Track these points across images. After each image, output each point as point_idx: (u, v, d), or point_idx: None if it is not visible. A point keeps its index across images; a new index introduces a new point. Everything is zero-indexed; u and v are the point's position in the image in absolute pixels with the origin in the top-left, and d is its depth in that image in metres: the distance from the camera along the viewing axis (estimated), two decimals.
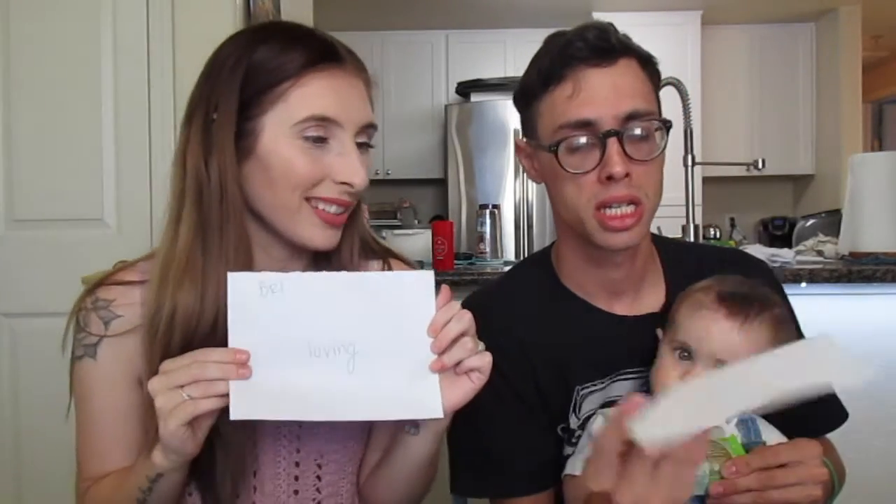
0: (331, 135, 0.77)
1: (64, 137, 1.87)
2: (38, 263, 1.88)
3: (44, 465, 1.85)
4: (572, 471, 0.85)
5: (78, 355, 0.82)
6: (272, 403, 0.68)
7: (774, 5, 4.41)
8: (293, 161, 0.76)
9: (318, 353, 0.70)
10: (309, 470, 0.85)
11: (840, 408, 0.96)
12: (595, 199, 0.83)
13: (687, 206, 2.21)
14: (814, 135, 4.74)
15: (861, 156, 2.14)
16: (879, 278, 1.82)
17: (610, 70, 0.83)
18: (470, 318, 0.72)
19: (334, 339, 0.70)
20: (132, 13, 1.88)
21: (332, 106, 0.77)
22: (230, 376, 0.67)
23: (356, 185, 0.78)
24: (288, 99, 0.76)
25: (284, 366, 0.69)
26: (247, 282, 0.69)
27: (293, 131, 0.76)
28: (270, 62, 0.76)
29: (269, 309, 0.69)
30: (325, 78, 0.77)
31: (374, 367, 0.71)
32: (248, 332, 0.69)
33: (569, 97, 0.84)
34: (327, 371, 0.70)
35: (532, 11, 4.46)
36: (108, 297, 0.82)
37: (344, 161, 0.78)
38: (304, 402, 0.69)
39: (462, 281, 1.92)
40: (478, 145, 4.17)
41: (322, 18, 2.68)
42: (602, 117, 0.82)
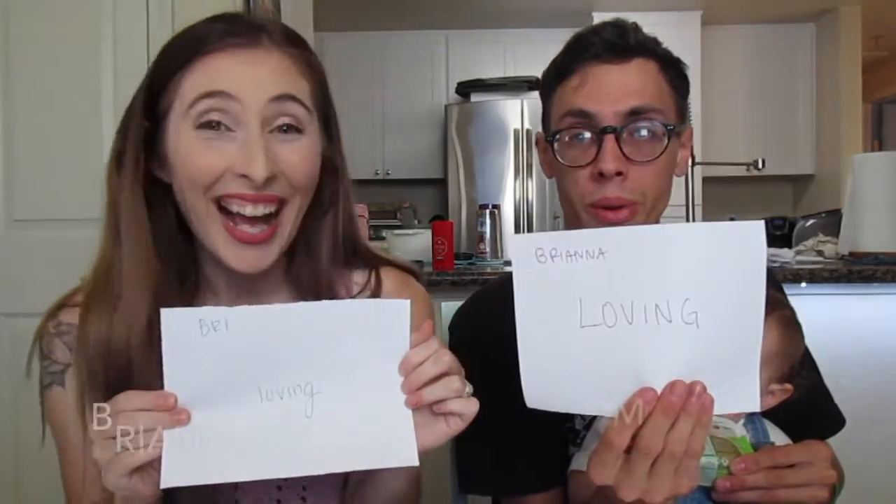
0: (230, 118, 0.68)
1: (64, 137, 1.87)
2: (38, 263, 1.88)
3: (44, 466, 1.84)
4: (578, 467, 0.85)
5: (46, 384, 0.79)
6: (215, 462, 0.59)
7: (774, 5, 4.41)
8: (190, 152, 0.68)
9: (271, 396, 0.61)
10: (293, 493, 0.80)
11: (838, 414, 0.97)
12: (589, 197, 0.83)
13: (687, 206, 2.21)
14: (814, 135, 4.74)
15: (861, 156, 2.14)
16: (879, 278, 1.82)
17: (621, 68, 0.83)
18: (451, 359, 0.63)
19: (289, 379, 0.61)
20: (132, 13, 1.88)
21: (222, 80, 0.67)
22: (163, 424, 0.58)
23: (255, 176, 0.66)
24: (181, 88, 0.69)
25: (231, 415, 0.61)
26: (183, 319, 0.59)
27: (187, 121, 0.68)
28: (168, 56, 0.71)
29: (212, 349, 0.59)
30: (218, 56, 0.68)
31: (335, 410, 0.62)
32: (188, 379, 0.60)
33: (574, 88, 0.84)
34: (282, 417, 0.61)
35: (532, 11, 4.46)
36: (71, 322, 0.76)
37: (243, 147, 0.67)
38: (255, 458, 0.60)
39: (462, 281, 1.92)
40: (478, 145, 4.17)
41: (322, 18, 2.68)
42: (601, 111, 0.82)
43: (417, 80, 4.76)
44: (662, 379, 0.59)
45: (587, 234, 0.61)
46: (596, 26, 0.87)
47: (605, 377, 0.61)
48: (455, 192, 4.23)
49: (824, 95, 4.66)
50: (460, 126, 4.21)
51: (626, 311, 0.60)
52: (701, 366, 0.59)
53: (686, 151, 0.91)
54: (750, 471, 0.72)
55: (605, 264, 0.60)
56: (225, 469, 0.60)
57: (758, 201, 4.99)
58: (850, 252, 2.06)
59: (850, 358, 1.79)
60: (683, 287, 0.59)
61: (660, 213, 0.88)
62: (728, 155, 4.48)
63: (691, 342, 0.59)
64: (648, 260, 0.59)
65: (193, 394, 0.60)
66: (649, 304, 0.59)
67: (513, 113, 4.10)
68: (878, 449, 1.76)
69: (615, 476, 0.60)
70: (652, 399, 0.58)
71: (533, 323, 0.63)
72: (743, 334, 0.59)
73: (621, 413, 0.59)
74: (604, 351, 0.61)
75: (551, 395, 0.63)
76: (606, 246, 0.60)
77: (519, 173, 4.06)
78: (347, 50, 4.69)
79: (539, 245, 0.62)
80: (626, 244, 0.60)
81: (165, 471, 0.58)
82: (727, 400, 0.59)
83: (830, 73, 4.60)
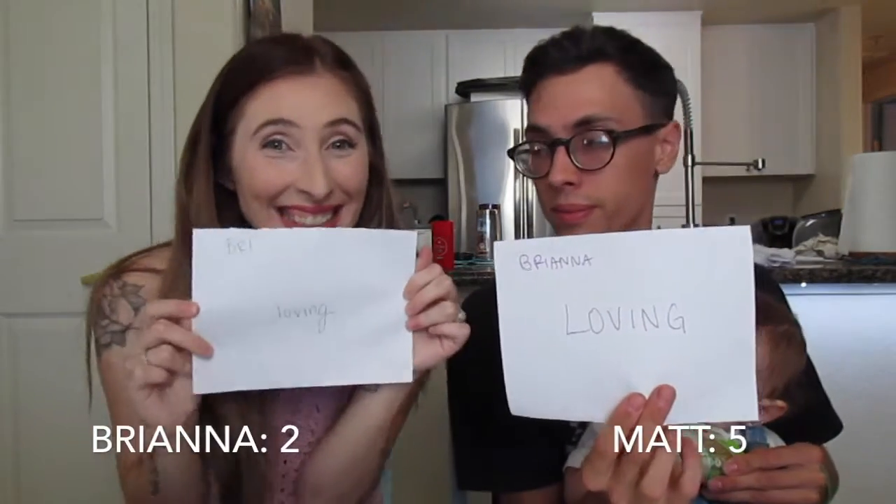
0: (292, 141, 0.76)
1: (64, 137, 1.87)
2: (38, 263, 1.88)
3: (44, 466, 1.85)
4: (574, 464, 0.85)
5: (104, 343, 0.79)
6: (237, 373, 0.66)
7: (774, 5, 4.41)
8: (255, 171, 0.76)
9: (288, 314, 0.67)
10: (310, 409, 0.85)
11: (835, 419, 0.97)
12: (549, 203, 0.88)
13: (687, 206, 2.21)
14: (814, 135, 4.74)
15: (861, 156, 2.14)
16: (879, 278, 1.82)
17: (571, 78, 0.85)
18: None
19: (305, 299, 0.67)
20: (132, 13, 1.88)
21: (286, 108, 0.76)
22: (191, 348, 0.64)
23: (315, 192, 0.75)
24: (251, 108, 0.77)
25: (252, 329, 0.66)
26: (213, 239, 0.65)
27: (254, 142, 0.76)
28: (235, 78, 0.78)
29: (237, 268, 0.65)
30: (280, 83, 0.76)
31: (344, 327, 0.68)
32: (214, 294, 0.65)
33: (532, 105, 0.89)
34: (296, 332, 0.67)
35: (532, 11, 4.46)
36: (138, 283, 0.81)
37: (304, 167, 0.76)
38: (271, 368, 0.67)
39: (462, 281, 1.93)
40: (478, 145, 4.17)
41: (322, 18, 2.68)
42: (552, 125, 0.85)
43: (417, 80, 4.76)
44: (650, 384, 0.59)
45: (572, 241, 0.62)
46: (551, 38, 0.89)
47: (593, 383, 0.61)
48: (455, 192, 4.23)
49: (824, 95, 4.66)
50: (460, 126, 4.21)
51: (613, 317, 0.61)
52: (690, 371, 0.59)
53: (670, 147, 0.92)
54: (741, 472, 0.72)
55: (590, 270, 0.61)
56: (244, 381, 0.66)
57: (758, 201, 4.99)
58: (850, 252, 2.06)
59: (849, 358, 1.79)
60: (670, 292, 0.59)
61: (634, 214, 0.89)
62: (728, 155, 4.48)
63: (679, 347, 0.59)
64: (634, 266, 0.60)
65: (218, 308, 0.65)
66: (636, 309, 0.60)
67: (513, 113, 4.10)
68: (877, 449, 1.76)
69: (607, 482, 0.60)
70: (639, 405, 0.59)
71: (517, 330, 0.64)
72: (734, 340, 0.59)
73: (610, 419, 0.60)
74: (591, 357, 0.61)
75: (537, 403, 0.64)
76: (592, 252, 0.61)
77: (519, 173, 4.06)
78: (347, 50, 4.64)
79: (523, 252, 0.63)
80: (612, 250, 0.61)
81: (197, 382, 0.64)
82: (724, 408, 0.59)
83: (830, 73, 4.60)
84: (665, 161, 0.92)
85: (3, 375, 1.88)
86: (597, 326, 0.61)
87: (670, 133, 0.91)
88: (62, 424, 1.69)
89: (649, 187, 0.91)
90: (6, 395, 1.88)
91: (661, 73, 0.90)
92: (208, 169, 0.79)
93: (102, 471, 2.00)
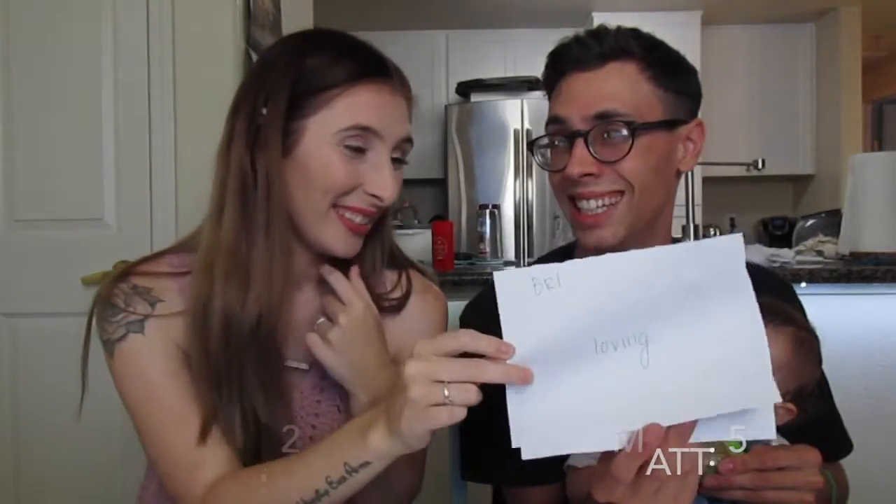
0: (369, 146, 0.79)
1: (64, 137, 1.87)
2: (38, 263, 1.88)
3: (44, 465, 1.85)
4: (576, 463, 0.85)
5: (118, 336, 0.77)
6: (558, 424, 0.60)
7: (774, 5, 4.41)
8: (331, 166, 0.77)
9: (605, 348, 0.60)
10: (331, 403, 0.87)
11: (846, 439, 0.98)
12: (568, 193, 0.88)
13: (687, 206, 2.21)
14: (814, 135, 4.74)
15: (861, 156, 2.14)
16: (879, 278, 1.82)
17: (594, 74, 0.87)
18: None
19: (622, 329, 0.60)
20: (132, 13, 1.88)
21: (375, 117, 0.78)
22: (512, 380, 0.59)
23: (385, 198, 0.80)
24: (334, 106, 0.77)
25: (568, 369, 0.60)
26: (517, 280, 0.61)
27: (335, 138, 0.77)
28: (322, 68, 0.78)
29: (546, 307, 0.60)
30: (372, 91, 0.79)
31: (673, 357, 0.60)
32: (525, 337, 0.60)
33: (552, 100, 0.91)
34: (617, 369, 0.60)
35: (532, 11, 4.46)
36: (147, 285, 0.80)
37: (377, 173, 0.79)
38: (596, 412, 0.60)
39: (462, 281, 1.92)
40: (478, 145, 4.17)
41: (322, 18, 2.68)
42: (571, 116, 0.86)
43: (417, 80, 4.65)
44: (664, 405, 0.59)
45: (571, 265, 0.61)
46: (574, 36, 0.91)
47: (605, 411, 0.60)
48: (455, 192, 4.23)
49: (824, 95, 4.66)
50: (460, 126, 4.21)
51: (618, 340, 0.60)
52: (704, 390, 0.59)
53: (693, 145, 0.92)
54: (737, 471, 0.72)
55: (591, 294, 0.60)
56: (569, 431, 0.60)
57: (758, 201, 4.99)
58: (850, 252, 2.06)
59: (850, 358, 1.79)
60: (673, 311, 0.59)
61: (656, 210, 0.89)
62: (728, 155, 4.47)
63: (688, 366, 0.59)
64: (633, 287, 0.60)
65: (531, 352, 0.60)
66: (640, 330, 0.60)
67: (513, 113, 4.10)
68: (877, 449, 1.76)
69: (620, 496, 0.62)
70: (660, 436, 0.59)
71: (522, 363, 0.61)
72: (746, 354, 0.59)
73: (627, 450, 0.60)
74: (601, 384, 0.60)
75: (548, 440, 0.61)
76: (590, 275, 0.60)
77: (519, 173, 4.05)
78: None
79: (525, 279, 0.61)
80: (610, 272, 0.60)
81: (520, 441, 0.60)
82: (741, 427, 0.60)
83: (830, 73, 4.60)
84: (688, 159, 0.92)
85: (3, 375, 1.88)
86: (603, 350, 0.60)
87: (693, 131, 0.92)
88: (62, 424, 1.69)
89: (671, 184, 0.92)
90: (6, 395, 1.88)
91: (685, 73, 0.91)
92: (279, 148, 0.77)
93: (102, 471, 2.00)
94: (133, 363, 0.77)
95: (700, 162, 0.95)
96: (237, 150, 0.78)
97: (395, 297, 0.90)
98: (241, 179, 0.77)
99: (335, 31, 0.85)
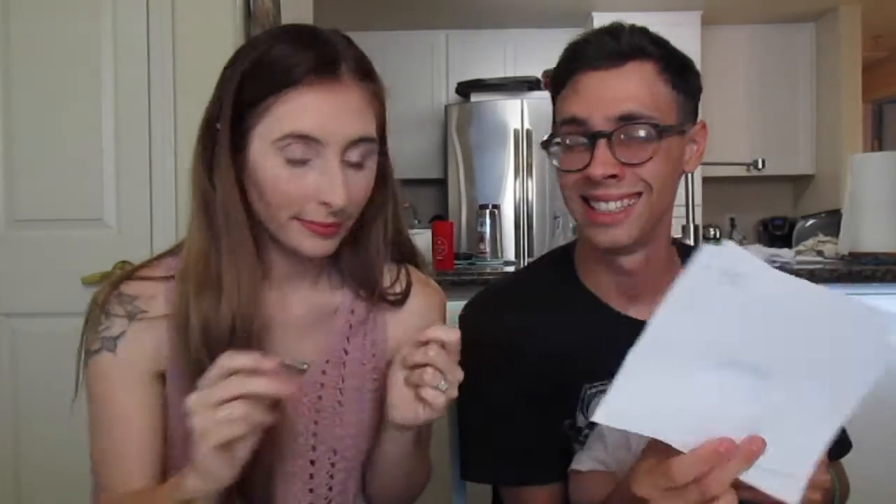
0: (314, 154, 0.74)
1: (64, 137, 1.87)
2: (38, 263, 1.88)
3: (44, 466, 1.85)
4: (579, 466, 0.85)
5: (94, 349, 0.79)
6: (652, 413, 0.60)
7: (774, 5, 4.41)
8: (278, 180, 0.75)
9: (728, 365, 0.60)
10: (323, 468, 0.86)
11: (845, 440, 0.98)
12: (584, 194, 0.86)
13: (687, 207, 2.21)
14: (814, 135, 4.74)
15: (861, 156, 2.14)
16: (879, 278, 1.82)
17: (613, 73, 0.84)
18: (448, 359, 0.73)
19: (759, 353, 0.59)
20: (132, 13, 1.88)
21: (312, 122, 0.73)
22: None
23: (335, 204, 0.74)
24: (272, 114, 0.74)
25: (691, 364, 0.60)
26: (717, 261, 0.57)
27: (275, 147, 0.74)
28: (261, 74, 0.75)
29: (715, 300, 0.58)
30: (309, 93, 0.74)
31: (780, 402, 0.60)
32: (678, 321, 0.59)
33: (569, 97, 0.87)
34: (732, 384, 0.60)
35: (532, 11, 4.46)
36: (132, 293, 0.81)
37: (325, 179, 0.74)
38: (686, 416, 0.60)
39: (462, 281, 1.92)
40: (478, 145, 4.17)
41: (322, 18, 2.68)
42: (592, 117, 0.83)
43: (417, 80, 4.75)
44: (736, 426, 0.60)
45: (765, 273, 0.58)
46: (590, 33, 0.88)
47: (697, 415, 0.61)
48: (455, 192, 4.23)
49: (824, 95, 4.66)
50: (460, 126, 4.21)
51: (749, 363, 0.60)
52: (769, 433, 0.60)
53: (697, 147, 0.92)
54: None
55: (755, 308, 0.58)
56: (655, 416, 0.61)
57: (758, 201, 4.99)
58: (850, 252, 2.06)
59: None
60: (809, 358, 0.59)
61: (663, 210, 0.89)
62: (728, 155, 4.48)
63: (775, 406, 0.60)
64: (796, 317, 0.58)
65: (669, 337, 0.59)
66: (771, 360, 0.60)
67: (513, 113, 4.10)
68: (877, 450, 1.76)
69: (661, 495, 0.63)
70: (729, 451, 0.60)
71: (664, 342, 0.60)
72: (819, 425, 0.61)
73: (696, 454, 0.60)
74: (706, 391, 0.61)
75: (632, 416, 0.62)
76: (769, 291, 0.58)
77: (519, 173, 4.06)
78: None
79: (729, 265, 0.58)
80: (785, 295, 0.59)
81: (605, 406, 0.60)
82: (771, 480, 0.61)
83: (830, 73, 4.60)
84: (693, 161, 0.92)
85: (3, 375, 1.88)
86: (726, 362, 0.60)
87: (698, 133, 0.92)
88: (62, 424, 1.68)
89: (676, 186, 0.92)
90: (6, 395, 1.88)
91: (692, 74, 0.90)
92: (232, 164, 0.77)
93: None
94: (98, 383, 0.79)
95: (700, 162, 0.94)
96: (197, 167, 0.79)
97: (399, 292, 0.89)
98: (201, 197, 0.79)
99: (279, 29, 0.81)
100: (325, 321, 0.87)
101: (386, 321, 0.89)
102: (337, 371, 0.86)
